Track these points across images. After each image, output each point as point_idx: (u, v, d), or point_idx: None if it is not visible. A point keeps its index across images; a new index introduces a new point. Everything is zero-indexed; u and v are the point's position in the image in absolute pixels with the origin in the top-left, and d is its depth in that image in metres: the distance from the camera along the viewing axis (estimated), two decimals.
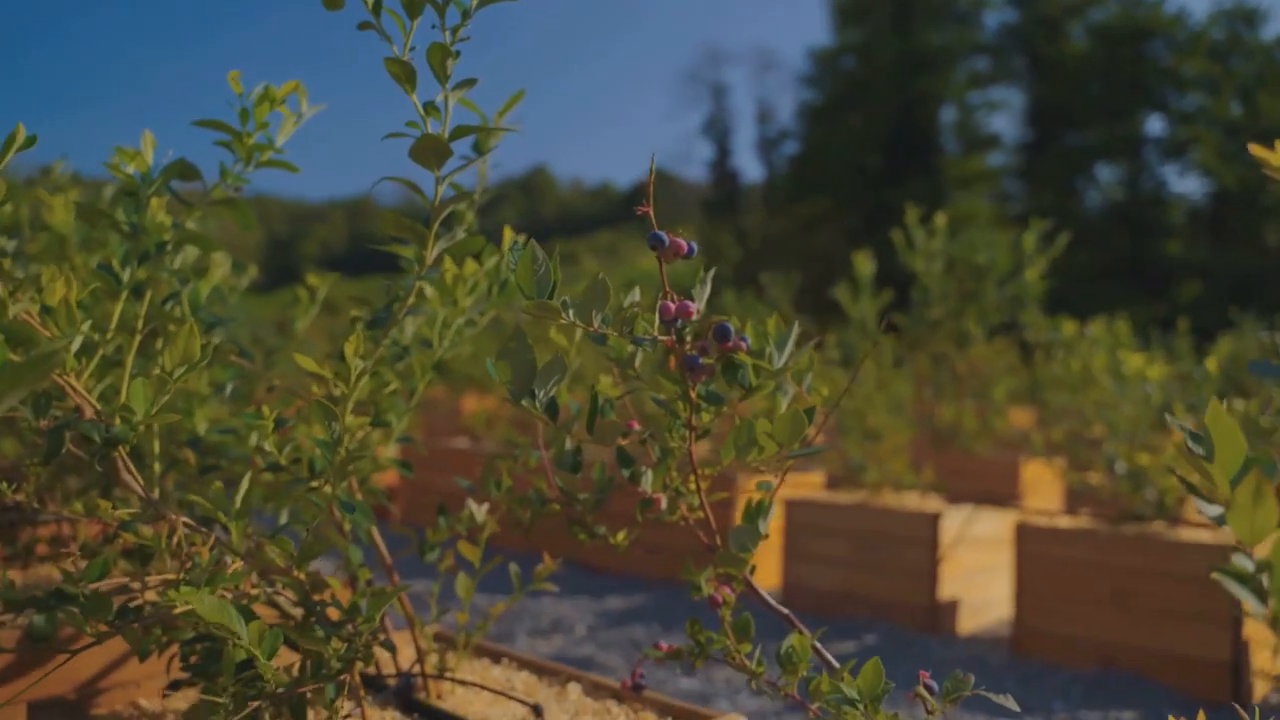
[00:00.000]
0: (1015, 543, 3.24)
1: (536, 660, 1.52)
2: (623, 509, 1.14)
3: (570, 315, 0.96)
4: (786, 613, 1.11)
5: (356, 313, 1.47)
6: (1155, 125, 29.29)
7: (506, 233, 1.32)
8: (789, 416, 0.99)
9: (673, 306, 1.00)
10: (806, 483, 4.32)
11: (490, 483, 1.32)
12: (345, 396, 1.15)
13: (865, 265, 4.15)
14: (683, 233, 1.02)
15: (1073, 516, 3.43)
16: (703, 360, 1.02)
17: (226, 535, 1.15)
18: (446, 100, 1.00)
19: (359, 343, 1.12)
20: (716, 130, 43.06)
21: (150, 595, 1.20)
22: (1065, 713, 2.67)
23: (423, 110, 1.02)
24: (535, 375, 0.99)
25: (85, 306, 1.34)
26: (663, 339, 1.01)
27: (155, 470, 1.42)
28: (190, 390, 1.65)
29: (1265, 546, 0.59)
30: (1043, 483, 5.38)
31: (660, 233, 1.00)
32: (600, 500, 1.22)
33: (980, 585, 3.69)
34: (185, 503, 1.32)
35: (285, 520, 1.42)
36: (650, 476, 1.15)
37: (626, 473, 1.14)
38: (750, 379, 1.06)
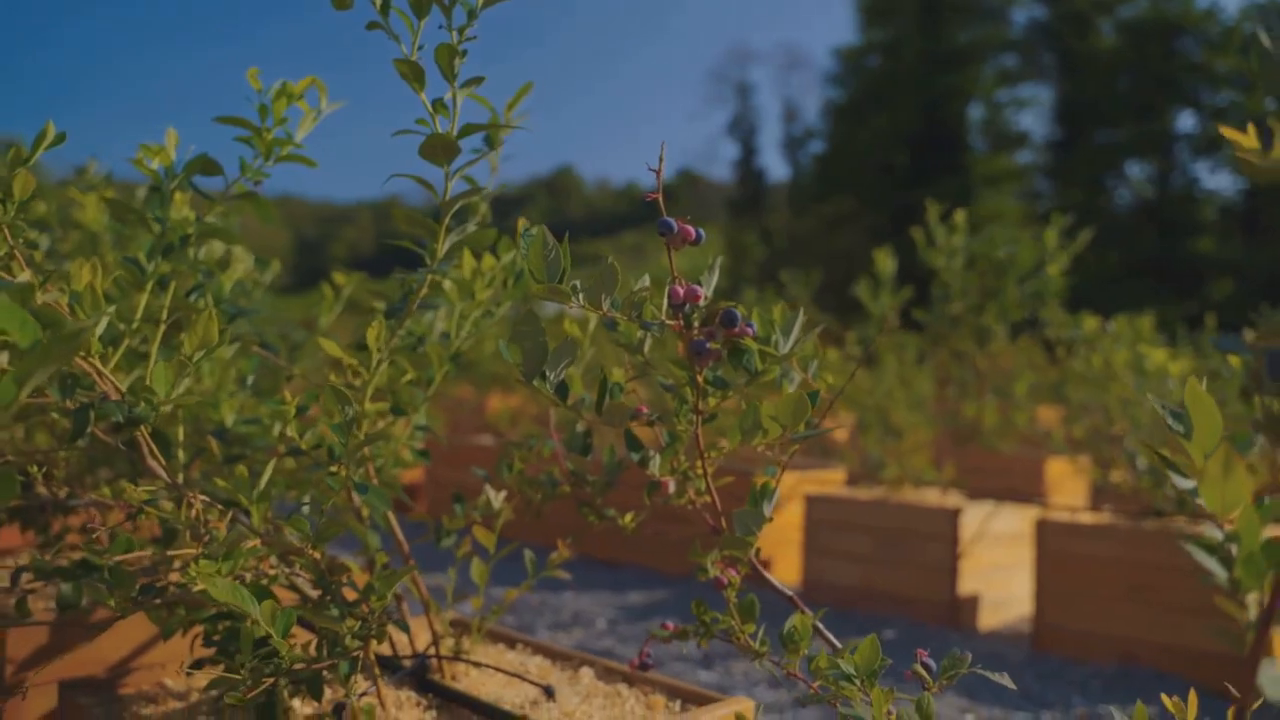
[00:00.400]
0: (1035, 538, 3.23)
1: (550, 646, 1.55)
2: (636, 497, 1.16)
3: (580, 299, 0.98)
4: (790, 594, 1.12)
5: (378, 305, 1.50)
6: (1186, 122, 28.90)
7: (521, 223, 1.35)
8: (792, 399, 1.01)
9: (681, 291, 1.02)
10: (827, 479, 4.33)
11: (504, 467, 1.35)
12: (364, 383, 1.19)
13: (886, 262, 4.15)
14: (690, 220, 1.04)
15: (1095, 513, 3.42)
16: (709, 345, 1.04)
17: (248, 518, 1.18)
18: (455, 98, 1.03)
19: (380, 330, 1.16)
20: (742, 130, 42.99)
21: (174, 576, 1.24)
22: (1084, 707, 2.66)
23: (431, 108, 1.05)
24: (546, 357, 1.02)
25: (113, 299, 1.39)
26: (670, 324, 1.03)
27: (180, 458, 1.46)
28: (218, 383, 1.69)
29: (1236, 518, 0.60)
30: (1068, 480, 5.35)
31: (669, 219, 1.03)
32: (609, 483, 1.24)
33: (1001, 581, 3.68)
34: (209, 490, 1.36)
35: (306, 507, 1.45)
36: (658, 460, 1.17)
37: (635, 456, 1.16)
38: (755, 364, 1.08)
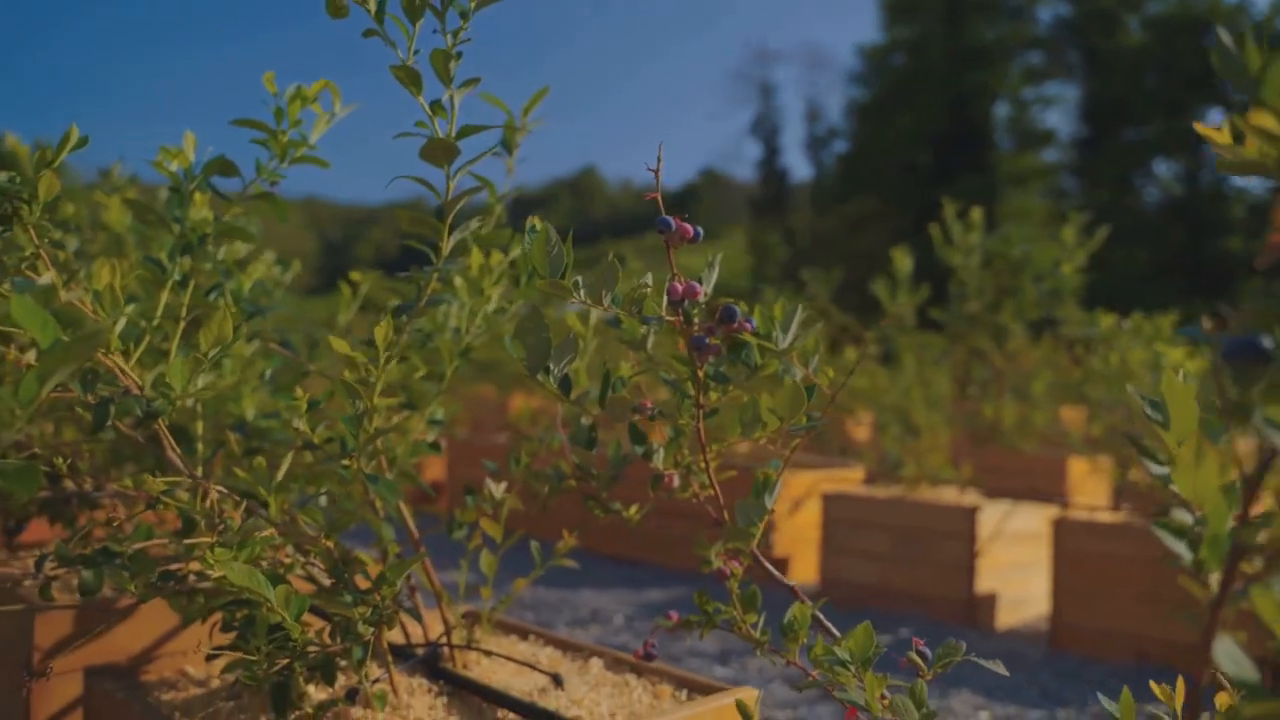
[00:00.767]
0: (1052, 537, 3.22)
1: (561, 637, 1.58)
2: (643, 491, 1.19)
3: (581, 294, 1.01)
4: (792, 585, 1.15)
5: (394, 300, 1.54)
6: (1215, 119, 28.43)
7: (529, 222, 1.38)
8: (789, 391, 1.03)
9: (680, 287, 1.05)
10: (845, 478, 4.33)
11: (511, 460, 1.38)
12: (375, 378, 1.22)
13: (903, 261, 4.15)
14: (686, 217, 1.07)
15: (1114, 512, 3.40)
16: (709, 340, 1.07)
17: (265, 510, 1.22)
18: (452, 100, 1.05)
19: (389, 327, 1.19)
20: (765, 129, 42.94)
21: (193, 565, 1.28)
22: (1100, 706, 2.66)
23: (430, 111, 1.08)
24: (550, 352, 1.04)
25: (136, 298, 1.43)
26: (670, 319, 1.06)
27: (200, 452, 1.51)
28: (239, 379, 1.74)
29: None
30: (1089, 479, 5.32)
31: (667, 217, 1.05)
32: (615, 476, 1.27)
33: (1019, 580, 3.67)
34: (228, 483, 1.40)
35: (324, 501, 1.49)
36: (662, 454, 1.20)
37: (639, 450, 1.18)
38: (755, 359, 1.11)
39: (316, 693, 1.27)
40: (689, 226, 1.06)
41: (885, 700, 0.94)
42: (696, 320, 1.07)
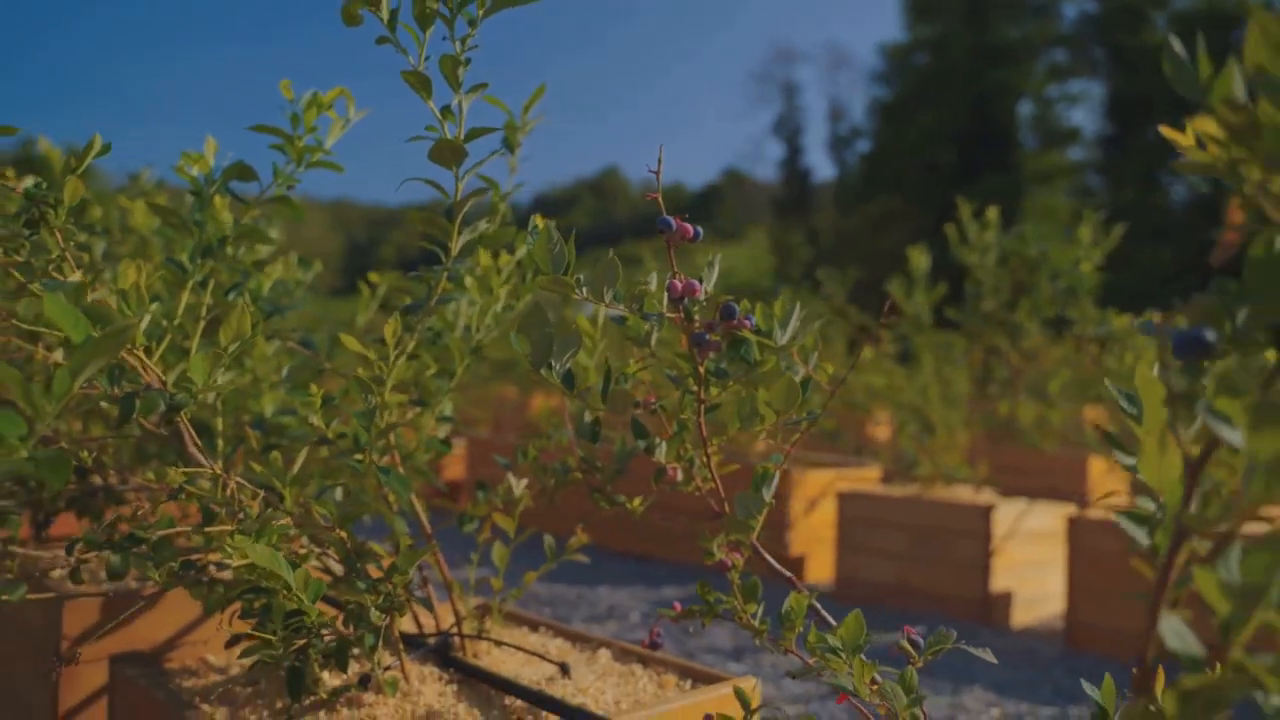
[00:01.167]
0: (1067, 536, 3.23)
1: (571, 629, 1.61)
2: (649, 485, 1.23)
3: (583, 291, 1.05)
4: (790, 575, 1.18)
5: (404, 300, 1.58)
6: None
7: (533, 221, 1.42)
8: (784, 385, 1.06)
9: (680, 285, 1.08)
10: (861, 477, 4.35)
11: (519, 454, 1.41)
12: (385, 374, 1.26)
13: (920, 260, 4.16)
14: (688, 218, 1.10)
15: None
16: (709, 337, 1.10)
17: (281, 502, 1.27)
18: (460, 105, 1.09)
19: (397, 325, 1.23)
20: (787, 129, 42.87)
21: (213, 556, 1.32)
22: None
23: (439, 115, 1.11)
24: (553, 347, 1.08)
25: (160, 298, 1.48)
26: (671, 316, 1.09)
27: (220, 447, 1.56)
28: (259, 377, 1.79)
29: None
30: (1109, 479, 5.30)
31: (667, 218, 1.09)
32: (619, 470, 1.30)
33: (1035, 579, 3.68)
34: (246, 476, 1.45)
35: (339, 495, 1.54)
36: (665, 448, 1.23)
37: (641, 444, 1.22)
38: (754, 355, 1.14)
39: (331, 679, 1.31)
40: (689, 227, 1.09)
41: (875, 686, 0.97)
42: (697, 317, 1.11)
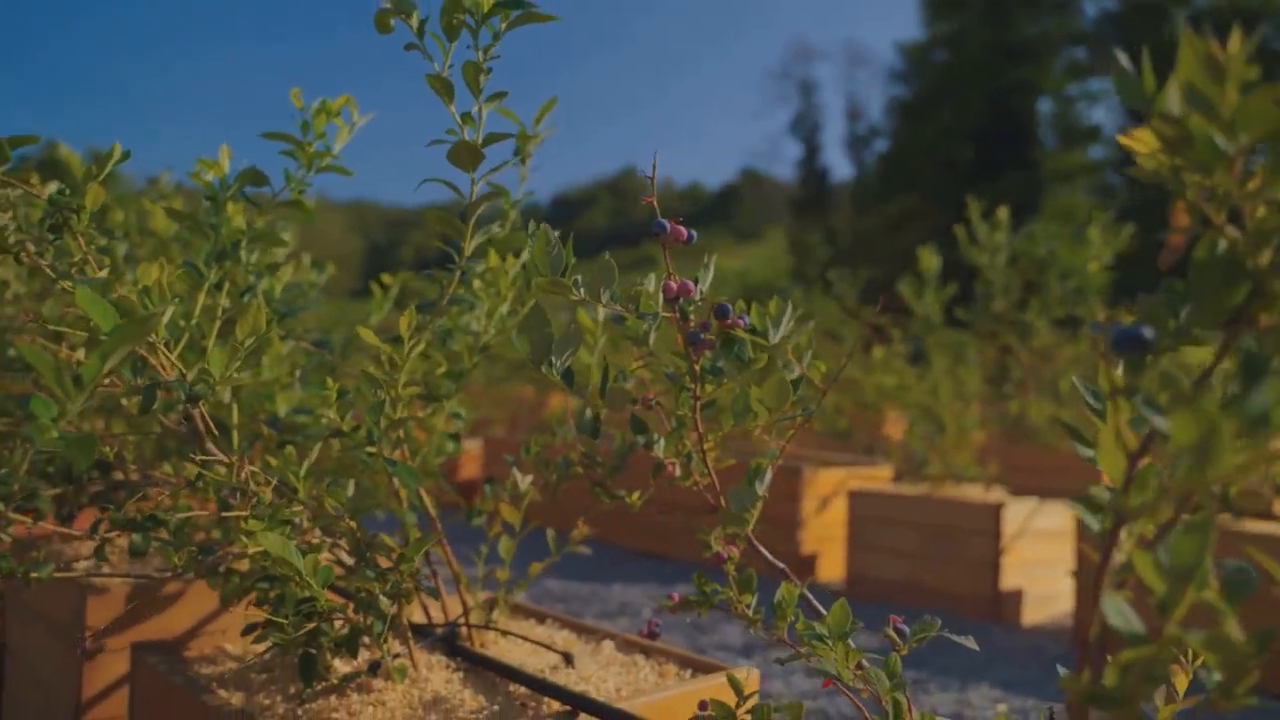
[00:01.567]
0: (1078, 534, 3.24)
1: (577, 621, 1.66)
2: (648, 480, 1.27)
3: (580, 292, 1.09)
4: (783, 566, 1.21)
5: (416, 299, 1.63)
6: None
7: (532, 224, 1.46)
8: (774, 383, 1.10)
9: (674, 286, 1.12)
10: (872, 475, 4.37)
11: (523, 449, 1.46)
12: (398, 369, 1.31)
13: (930, 260, 4.18)
14: (683, 221, 1.14)
15: None
16: (704, 336, 1.14)
17: (295, 495, 1.31)
18: (480, 110, 1.14)
19: (413, 315, 1.28)
20: (805, 128, 42.82)
21: (230, 547, 1.37)
22: None
23: (460, 120, 1.16)
24: (552, 345, 1.12)
25: (180, 300, 1.54)
26: (666, 316, 1.13)
27: (236, 444, 1.61)
28: (274, 376, 1.84)
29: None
30: None
31: (662, 220, 1.13)
32: (619, 465, 1.34)
33: (1045, 577, 3.69)
34: (263, 470, 1.50)
35: (351, 490, 1.59)
36: (662, 443, 1.27)
37: (640, 440, 1.26)
38: (748, 353, 1.18)
39: (341, 666, 1.36)
40: (683, 229, 1.13)
41: (860, 671, 1.01)
42: (693, 317, 1.15)
